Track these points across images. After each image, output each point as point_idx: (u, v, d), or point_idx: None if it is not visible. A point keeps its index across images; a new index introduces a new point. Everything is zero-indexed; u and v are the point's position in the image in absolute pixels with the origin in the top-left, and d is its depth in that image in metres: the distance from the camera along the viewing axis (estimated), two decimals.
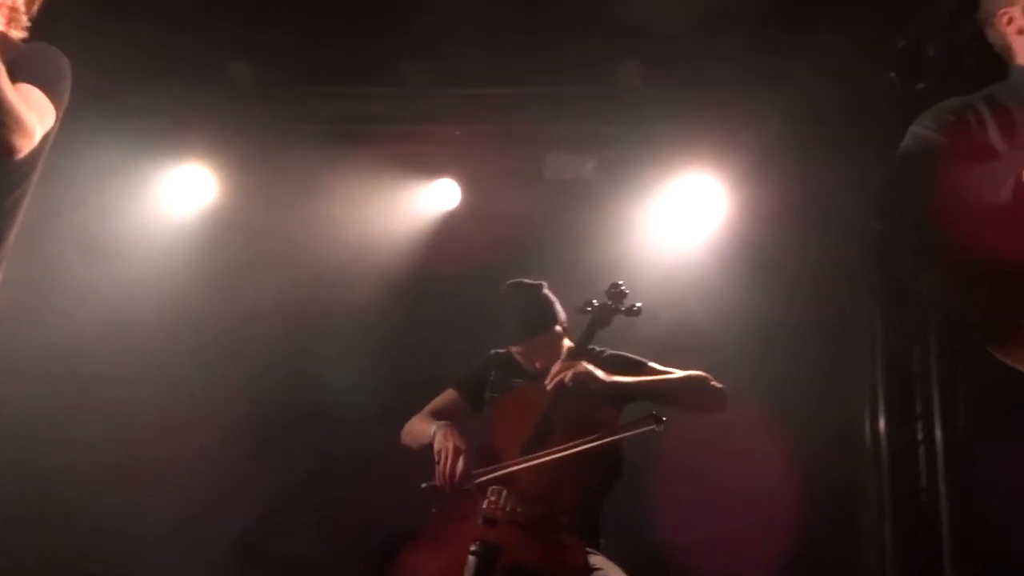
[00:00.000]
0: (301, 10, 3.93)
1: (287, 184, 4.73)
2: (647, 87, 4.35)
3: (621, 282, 3.03)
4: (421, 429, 2.93)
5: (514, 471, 2.65)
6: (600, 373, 2.76)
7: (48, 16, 2.15)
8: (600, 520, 2.77)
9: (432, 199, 4.84)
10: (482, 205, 4.76)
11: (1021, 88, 2.01)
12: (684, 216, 4.74)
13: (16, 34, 2.09)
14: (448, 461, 2.70)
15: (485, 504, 2.66)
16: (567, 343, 3.00)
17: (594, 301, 3.00)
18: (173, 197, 4.74)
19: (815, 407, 4.33)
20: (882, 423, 4.54)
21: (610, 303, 2.98)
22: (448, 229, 4.80)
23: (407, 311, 4.63)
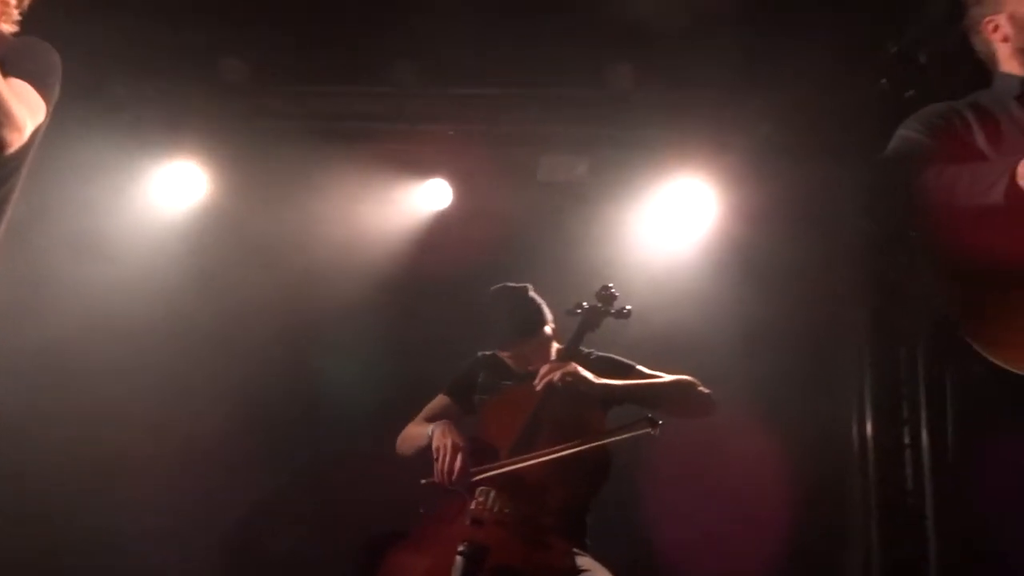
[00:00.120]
0: (294, 8, 3.93)
1: (279, 182, 4.73)
2: (639, 90, 4.36)
3: (611, 284, 3.03)
4: (417, 432, 2.93)
5: (508, 471, 2.65)
6: (590, 375, 2.75)
7: (39, 10, 2.14)
8: (587, 521, 2.78)
9: (424, 199, 4.85)
10: (474, 205, 4.77)
11: (1004, 94, 2.03)
12: (675, 219, 4.77)
13: (7, 28, 2.08)
14: (447, 457, 2.70)
15: (473, 505, 2.66)
16: (556, 345, 3.00)
17: (584, 303, 3.00)
18: (164, 194, 4.73)
19: (803, 410, 4.36)
20: (869, 426, 4.57)
21: (600, 305, 2.98)
22: (440, 229, 4.81)
23: (398, 310, 4.63)
